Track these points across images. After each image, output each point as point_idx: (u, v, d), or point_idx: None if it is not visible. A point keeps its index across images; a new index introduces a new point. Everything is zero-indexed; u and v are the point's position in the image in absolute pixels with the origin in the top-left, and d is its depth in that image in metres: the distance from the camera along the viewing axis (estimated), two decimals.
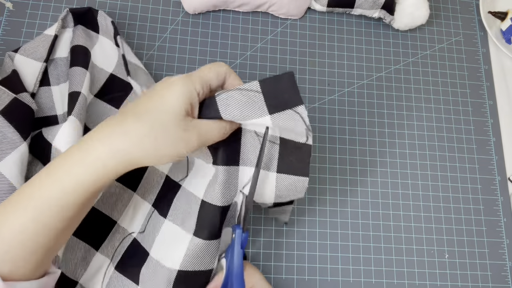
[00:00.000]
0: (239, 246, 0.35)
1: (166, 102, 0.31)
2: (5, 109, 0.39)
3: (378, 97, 0.53)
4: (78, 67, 0.44)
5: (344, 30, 0.56)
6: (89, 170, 0.29)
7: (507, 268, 0.49)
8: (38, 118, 0.44)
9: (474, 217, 0.50)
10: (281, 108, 0.33)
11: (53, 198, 0.29)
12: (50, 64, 0.47)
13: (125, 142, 0.30)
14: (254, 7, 0.53)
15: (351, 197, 0.49)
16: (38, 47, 0.46)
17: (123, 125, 0.30)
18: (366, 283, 0.46)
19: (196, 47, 0.52)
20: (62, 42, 0.48)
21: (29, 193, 0.29)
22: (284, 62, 0.53)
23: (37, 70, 0.46)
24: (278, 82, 0.34)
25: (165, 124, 0.30)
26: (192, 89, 0.31)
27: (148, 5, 0.53)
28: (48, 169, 0.30)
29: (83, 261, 0.40)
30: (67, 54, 0.47)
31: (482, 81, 0.56)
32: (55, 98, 0.46)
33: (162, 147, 0.30)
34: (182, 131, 0.31)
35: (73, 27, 0.48)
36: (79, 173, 0.29)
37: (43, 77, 0.46)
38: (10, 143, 0.39)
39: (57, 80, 0.47)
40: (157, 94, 0.31)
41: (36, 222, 0.28)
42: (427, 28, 0.58)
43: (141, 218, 0.42)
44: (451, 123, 0.54)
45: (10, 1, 0.50)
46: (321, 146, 0.50)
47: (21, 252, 0.28)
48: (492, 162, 0.53)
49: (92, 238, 0.41)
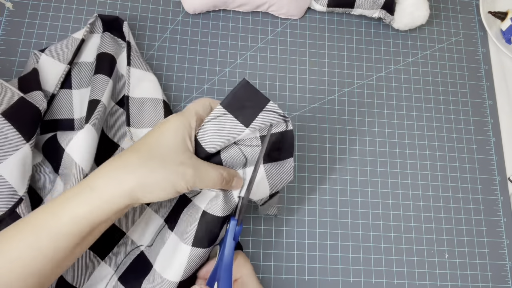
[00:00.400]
0: (231, 237, 0.35)
1: (165, 136, 0.32)
2: (8, 110, 0.39)
3: (378, 97, 0.53)
4: (101, 75, 0.44)
5: (344, 30, 0.56)
6: (84, 201, 0.30)
7: (507, 268, 0.49)
8: (54, 120, 0.45)
9: (474, 217, 0.50)
10: (253, 116, 0.34)
11: (49, 228, 0.29)
12: (74, 67, 0.47)
13: (121, 173, 0.30)
14: (254, 7, 0.54)
15: (351, 197, 0.49)
16: (64, 49, 0.47)
17: (121, 157, 0.31)
18: (366, 283, 0.46)
19: (196, 47, 0.52)
20: (88, 46, 0.48)
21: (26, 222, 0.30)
22: (284, 62, 0.53)
23: (60, 72, 0.46)
24: (238, 95, 0.34)
25: (163, 156, 0.31)
26: (188, 124, 0.33)
27: (148, 5, 0.53)
28: (45, 204, 0.31)
29: (87, 269, 0.40)
30: (92, 59, 0.47)
31: (482, 81, 0.56)
32: (74, 102, 0.46)
33: (159, 179, 0.30)
34: (179, 164, 0.31)
35: (101, 33, 0.48)
36: (73, 204, 0.30)
37: (65, 79, 0.46)
38: (11, 144, 0.38)
39: (78, 84, 0.47)
40: (156, 129, 0.33)
41: (31, 248, 0.29)
42: (427, 28, 0.58)
43: (152, 233, 0.42)
44: (451, 123, 0.54)
45: (10, 1, 0.50)
46: (321, 146, 0.50)
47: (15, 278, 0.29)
48: (492, 162, 0.53)
49: (98, 247, 0.41)
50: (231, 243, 0.35)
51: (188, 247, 0.36)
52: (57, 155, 0.40)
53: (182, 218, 0.39)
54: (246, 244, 0.46)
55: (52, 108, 0.45)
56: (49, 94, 0.45)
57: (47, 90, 0.45)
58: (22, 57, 0.48)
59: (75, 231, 0.30)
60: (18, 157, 0.38)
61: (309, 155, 0.50)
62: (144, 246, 0.41)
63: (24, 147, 0.39)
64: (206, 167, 0.33)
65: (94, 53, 0.48)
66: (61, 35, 0.50)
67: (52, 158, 0.42)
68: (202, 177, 0.32)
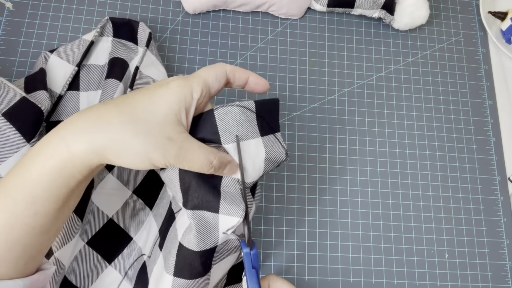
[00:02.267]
0: (250, 267, 0.31)
1: (157, 102, 0.27)
2: (9, 110, 0.39)
3: (378, 97, 0.53)
4: (112, 79, 0.44)
5: (344, 30, 0.56)
6: (54, 155, 0.26)
7: (507, 268, 0.49)
8: (60, 121, 0.44)
9: (474, 217, 0.50)
10: (267, 132, 0.32)
11: (22, 188, 0.26)
12: (82, 69, 0.47)
13: (94, 126, 0.26)
14: (254, 7, 0.53)
15: (351, 197, 0.49)
16: (73, 50, 0.47)
17: (99, 110, 0.27)
18: (366, 283, 0.46)
19: (196, 47, 0.52)
20: (97, 49, 0.48)
21: (1, 184, 0.27)
22: (284, 62, 0.53)
23: (68, 73, 0.46)
24: (267, 106, 0.33)
25: (148, 123, 0.27)
26: (188, 94, 0.28)
27: (148, 5, 0.53)
28: (20, 161, 0.27)
29: (93, 272, 0.40)
30: (103, 63, 0.47)
31: (482, 81, 0.56)
32: (81, 104, 0.46)
33: (136, 146, 0.26)
34: (165, 138, 0.27)
35: (112, 37, 0.48)
36: (43, 159, 0.26)
37: (73, 81, 0.46)
38: (12, 145, 0.38)
39: (86, 86, 0.47)
40: (149, 90, 0.28)
41: (7, 213, 0.26)
42: (427, 28, 0.58)
43: (151, 243, 0.40)
44: (451, 123, 0.54)
45: (10, 1, 0.50)
46: (321, 146, 0.50)
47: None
48: (492, 162, 0.53)
49: (105, 250, 0.40)
50: (252, 273, 0.31)
51: (170, 276, 0.32)
52: None
53: (168, 237, 0.35)
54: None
55: (59, 109, 0.45)
56: (56, 95, 0.45)
57: (54, 90, 0.45)
58: (22, 57, 0.48)
59: (52, 191, 0.26)
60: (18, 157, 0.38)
61: (309, 155, 0.50)
62: (145, 256, 0.40)
63: (25, 147, 0.39)
64: (194, 149, 0.28)
65: (105, 56, 0.47)
66: (61, 35, 0.50)
67: None
68: (186, 159, 0.28)
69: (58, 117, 0.45)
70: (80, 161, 0.26)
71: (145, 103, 0.27)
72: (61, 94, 0.45)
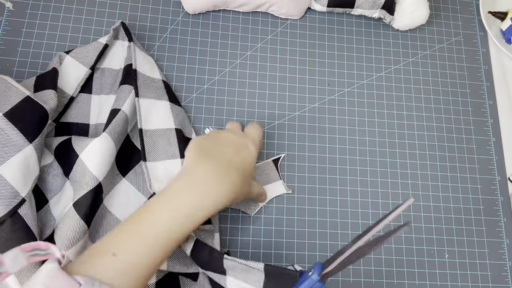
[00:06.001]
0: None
1: (249, 162, 0.39)
2: (11, 110, 0.39)
3: (378, 97, 0.53)
4: (126, 85, 0.44)
5: (344, 30, 0.56)
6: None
7: (507, 268, 0.49)
8: (69, 123, 0.45)
9: (474, 217, 0.50)
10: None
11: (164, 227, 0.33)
12: (96, 72, 0.47)
13: (228, 193, 0.36)
14: (254, 7, 0.54)
15: (351, 197, 0.49)
16: (89, 52, 0.47)
17: (229, 177, 0.37)
18: (366, 283, 0.46)
19: (196, 47, 0.52)
20: (112, 53, 0.48)
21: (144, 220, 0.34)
22: (284, 62, 0.53)
23: (81, 75, 0.46)
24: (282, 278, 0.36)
25: (247, 177, 0.39)
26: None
27: (148, 5, 0.53)
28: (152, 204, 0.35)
29: None
30: (117, 67, 0.47)
31: (482, 81, 0.56)
32: (92, 107, 0.46)
33: (239, 196, 0.39)
34: (248, 185, 0.40)
35: (126, 40, 0.48)
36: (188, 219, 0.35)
37: (85, 84, 0.46)
38: (14, 145, 0.38)
39: (99, 90, 0.47)
40: (245, 155, 0.39)
41: (149, 246, 0.32)
42: (427, 28, 0.58)
43: None
44: (451, 123, 0.54)
45: (10, 1, 0.50)
46: (321, 146, 0.50)
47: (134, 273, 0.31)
48: (492, 162, 0.53)
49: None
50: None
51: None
52: (70, 159, 0.40)
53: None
54: (246, 244, 0.46)
55: (70, 111, 0.45)
56: (68, 96, 0.45)
57: (66, 92, 0.45)
58: (22, 57, 0.48)
59: (174, 236, 0.33)
60: (20, 158, 0.38)
61: (309, 155, 0.50)
62: None
63: (27, 148, 0.38)
64: (254, 188, 0.42)
65: (119, 61, 0.47)
66: (61, 35, 0.50)
67: (64, 161, 0.41)
68: (249, 195, 0.42)
69: (67, 118, 0.45)
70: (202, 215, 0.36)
71: (244, 162, 0.39)
72: (73, 95, 0.45)
